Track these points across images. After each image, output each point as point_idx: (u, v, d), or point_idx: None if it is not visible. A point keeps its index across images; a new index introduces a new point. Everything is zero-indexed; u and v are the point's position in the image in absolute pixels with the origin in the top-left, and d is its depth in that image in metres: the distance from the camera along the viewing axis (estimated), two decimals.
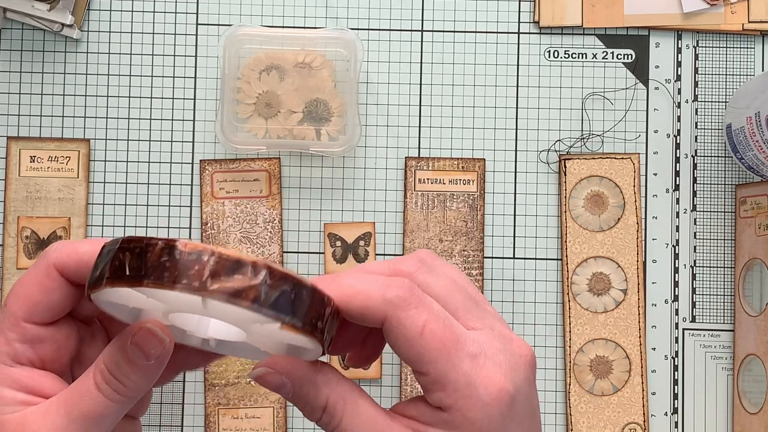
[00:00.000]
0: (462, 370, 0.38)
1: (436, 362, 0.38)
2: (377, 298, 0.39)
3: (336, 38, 0.65)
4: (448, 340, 0.38)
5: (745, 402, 0.65)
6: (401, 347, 0.39)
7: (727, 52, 0.68)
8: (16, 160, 0.66)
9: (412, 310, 0.39)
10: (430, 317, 0.39)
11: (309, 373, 0.40)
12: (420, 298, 0.39)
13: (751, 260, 0.66)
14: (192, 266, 0.34)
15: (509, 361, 0.40)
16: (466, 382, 0.38)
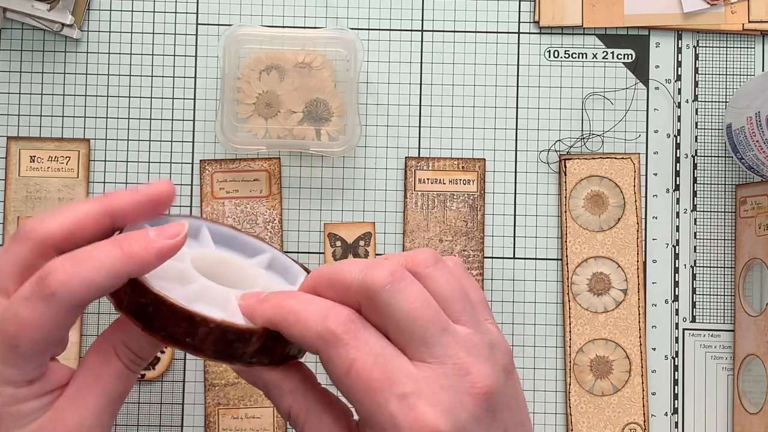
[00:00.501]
0: (387, 411, 0.37)
1: (362, 401, 0.38)
2: (312, 331, 0.38)
3: (336, 38, 0.65)
4: (375, 381, 0.38)
5: (745, 402, 0.65)
6: (333, 382, 0.39)
7: (727, 52, 0.68)
8: (16, 160, 0.66)
9: (341, 347, 0.38)
10: (358, 355, 0.38)
11: (276, 379, 0.41)
12: (355, 333, 0.38)
13: (751, 260, 0.66)
14: None
15: (452, 398, 0.38)
16: (391, 423, 0.37)
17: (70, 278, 0.39)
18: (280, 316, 0.40)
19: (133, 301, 0.40)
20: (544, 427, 0.66)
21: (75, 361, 0.65)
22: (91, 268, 0.39)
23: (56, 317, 0.39)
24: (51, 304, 0.39)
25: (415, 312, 0.39)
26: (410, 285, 0.39)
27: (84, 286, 0.39)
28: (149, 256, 0.40)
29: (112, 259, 0.39)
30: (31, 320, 0.39)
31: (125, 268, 0.39)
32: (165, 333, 0.40)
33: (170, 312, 0.40)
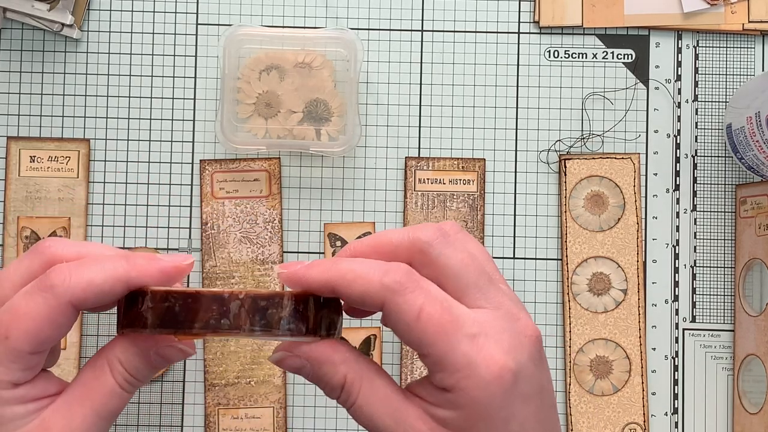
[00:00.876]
0: (461, 350, 0.39)
1: (434, 344, 0.39)
2: (375, 284, 0.39)
3: (336, 38, 0.65)
4: (446, 322, 0.39)
5: (745, 402, 0.65)
6: (401, 331, 0.40)
7: (727, 52, 0.68)
8: (16, 160, 0.66)
9: (408, 294, 0.39)
10: (426, 301, 0.39)
11: (327, 353, 0.41)
12: (417, 282, 0.40)
13: (751, 260, 0.66)
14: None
15: (512, 339, 0.40)
16: (465, 362, 0.39)
17: (71, 275, 0.39)
18: (337, 276, 0.40)
19: (158, 311, 0.40)
20: None
21: (75, 360, 0.65)
22: (93, 269, 0.40)
23: (50, 311, 0.39)
24: (48, 297, 0.39)
25: (466, 261, 0.41)
26: (456, 240, 0.42)
27: (83, 284, 0.39)
28: (152, 269, 0.40)
29: (114, 265, 0.40)
30: (26, 311, 0.39)
31: (126, 274, 0.40)
32: (200, 324, 0.40)
33: (197, 300, 0.40)
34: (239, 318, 0.40)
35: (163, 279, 0.41)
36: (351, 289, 0.40)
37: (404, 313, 0.39)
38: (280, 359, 0.42)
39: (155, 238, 0.67)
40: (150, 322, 0.40)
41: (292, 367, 0.41)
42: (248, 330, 0.40)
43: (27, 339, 0.39)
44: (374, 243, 0.42)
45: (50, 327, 0.40)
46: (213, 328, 0.40)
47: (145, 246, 0.67)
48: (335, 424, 0.66)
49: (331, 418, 0.66)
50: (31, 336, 0.39)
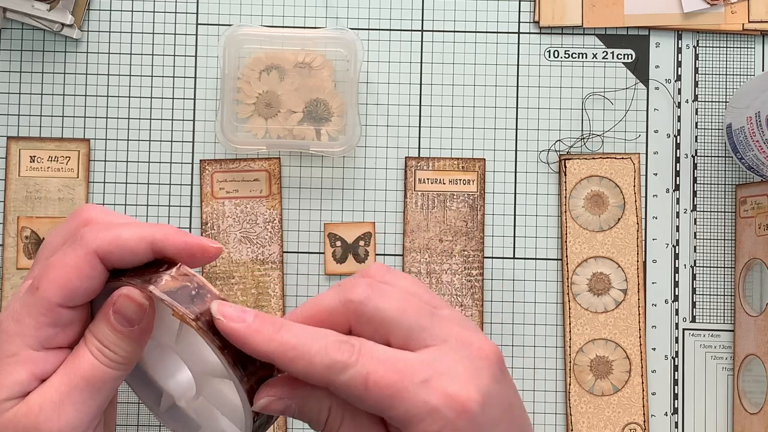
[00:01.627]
0: (418, 400, 0.38)
1: (391, 407, 0.39)
2: (318, 366, 0.39)
3: (336, 38, 0.65)
4: (395, 381, 0.39)
5: (745, 402, 0.65)
6: (355, 404, 0.40)
7: (727, 52, 0.68)
8: (16, 160, 0.66)
9: (350, 369, 0.39)
10: (371, 368, 0.39)
11: (308, 388, 0.41)
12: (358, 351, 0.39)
13: (751, 260, 0.66)
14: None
15: (468, 368, 0.40)
16: (426, 410, 0.38)
17: (101, 230, 0.41)
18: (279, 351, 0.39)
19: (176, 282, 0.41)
20: (544, 427, 0.66)
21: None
22: (123, 228, 0.41)
23: (77, 260, 0.40)
24: (76, 248, 0.41)
25: (402, 306, 0.41)
26: (388, 288, 0.41)
27: (110, 237, 0.41)
28: (177, 240, 0.41)
29: (143, 227, 0.41)
30: (56, 261, 0.41)
31: (151, 235, 0.41)
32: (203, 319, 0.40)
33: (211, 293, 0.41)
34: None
35: (187, 253, 0.41)
36: (293, 368, 0.39)
37: (352, 388, 0.39)
38: (265, 405, 0.41)
39: None
40: (162, 284, 0.40)
41: (277, 411, 0.41)
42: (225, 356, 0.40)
43: (55, 288, 0.40)
44: (309, 313, 0.41)
45: (77, 276, 0.41)
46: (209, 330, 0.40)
47: None
48: None
49: None
50: (58, 285, 0.40)
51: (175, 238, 0.41)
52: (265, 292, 0.66)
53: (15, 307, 0.41)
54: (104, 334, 0.41)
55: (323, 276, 0.67)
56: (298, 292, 0.67)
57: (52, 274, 0.41)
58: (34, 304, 0.41)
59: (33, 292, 0.41)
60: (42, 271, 0.41)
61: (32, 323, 0.41)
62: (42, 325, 0.41)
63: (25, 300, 0.41)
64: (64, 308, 0.41)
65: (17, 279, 0.66)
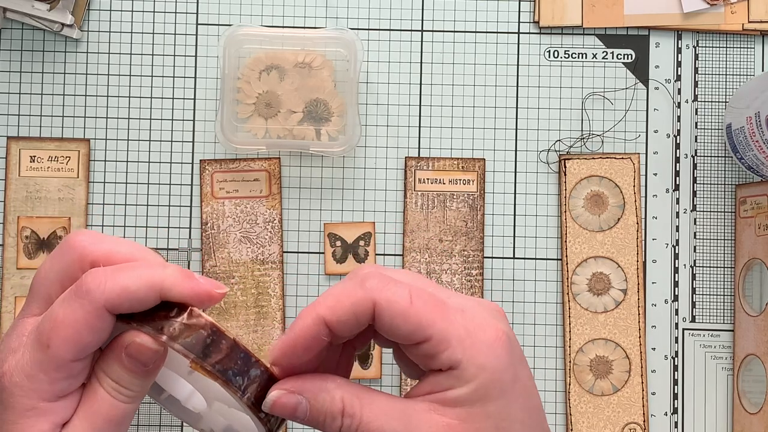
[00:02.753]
0: (458, 323, 0.40)
1: (434, 323, 0.40)
2: (359, 292, 0.40)
3: (336, 38, 0.65)
4: (436, 302, 0.41)
5: (745, 402, 0.65)
6: (398, 325, 0.40)
7: (727, 52, 0.68)
8: (16, 160, 0.66)
9: (392, 287, 0.40)
10: (412, 288, 0.41)
11: (319, 381, 0.41)
12: (394, 279, 0.41)
13: (751, 260, 0.66)
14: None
15: (489, 311, 0.42)
16: (465, 332, 0.40)
17: (106, 281, 0.40)
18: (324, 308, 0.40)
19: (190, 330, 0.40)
20: None
21: None
22: (128, 276, 0.40)
23: (87, 316, 0.40)
24: (84, 303, 0.40)
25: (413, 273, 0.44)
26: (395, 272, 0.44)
27: (118, 289, 0.40)
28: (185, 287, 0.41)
29: (150, 273, 0.40)
30: (64, 317, 0.40)
31: (160, 284, 0.40)
32: (219, 367, 0.40)
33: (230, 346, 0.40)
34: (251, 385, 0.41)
35: (194, 300, 0.41)
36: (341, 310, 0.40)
37: (397, 303, 0.40)
38: (275, 399, 0.41)
39: (155, 238, 0.67)
40: (175, 334, 0.40)
41: (288, 407, 0.41)
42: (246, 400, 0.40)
43: (67, 346, 0.40)
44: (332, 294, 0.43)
45: (89, 332, 0.40)
46: (226, 378, 0.40)
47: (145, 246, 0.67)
48: None
49: None
50: (71, 343, 0.40)
51: (182, 285, 0.41)
52: (265, 292, 0.66)
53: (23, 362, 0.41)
54: (118, 375, 0.42)
55: (323, 276, 0.67)
56: (298, 292, 0.67)
57: (63, 332, 0.40)
58: (47, 362, 0.40)
59: (43, 349, 0.40)
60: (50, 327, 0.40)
61: (46, 379, 0.41)
62: (56, 380, 0.41)
63: (36, 357, 0.41)
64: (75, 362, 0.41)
65: (17, 279, 0.66)
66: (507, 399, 0.40)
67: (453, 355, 0.40)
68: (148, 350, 0.41)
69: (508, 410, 0.40)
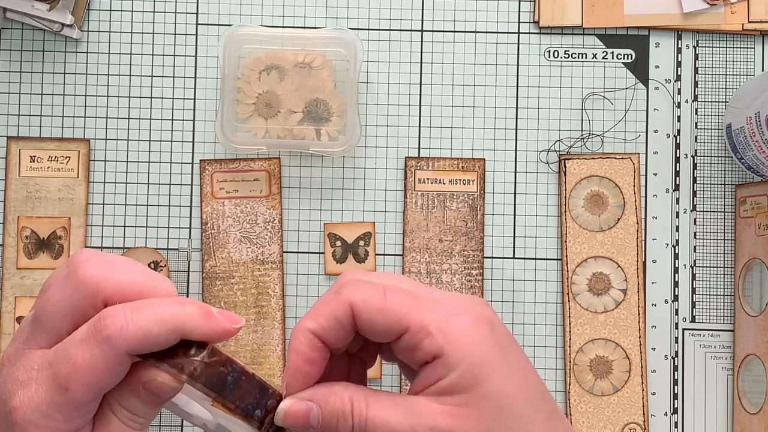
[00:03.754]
0: (434, 311, 0.41)
1: (410, 312, 0.41)
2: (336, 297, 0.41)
3: (336, 38, 0.65)
4: (411, 295, 0.42)
5: (745, 402, 0.65)
6: (376, 320, 0.41)
7: (727, 52, 0.68)
8: (16, 160, 0.66)
9: (366, 287, 0.41)
10: (386, 286, 0.42)
11: (326, 386, 0.42)
12: (368, 281, 0.42)
13: (751, 260, 0.66)
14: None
15: (470, 299, 0.43)
16: (443, 319, 0.41)
17: (127, 324, 0.39)
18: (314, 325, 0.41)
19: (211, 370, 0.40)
20: None
21: None
22: (149, 319, 0.40)
23: (108, 363, 0.39)
24: (105, 349, 0.39)
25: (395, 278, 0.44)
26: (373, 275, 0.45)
27: (139, 335, 0.39)
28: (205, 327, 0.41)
29: (171, 315, 0.40)
30: (84, 363, 0.39)
31: (181, 326, 0.40)
32: (240, 404, 0.41)
33: (250, 381, 0.41)
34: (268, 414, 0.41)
35: (212, 338, 0.41)
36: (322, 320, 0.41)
37: (370, 300, 0.41)
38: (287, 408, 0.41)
39: (155, 238, 0.67)
40: (197, 374, 0.40)
41: (301, 413, 0.41)
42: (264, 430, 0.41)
43: (87, 390, 0.40)
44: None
45: (108, 377, 0.40)
46: (246, 413, 0.41)
47: (145, 246, 0.67)
48: None
49: None
50: (90, 387, 0.40)
51: (203, 326, 0.41)
52: (265, 292, 0.66)
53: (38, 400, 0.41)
54: (134, 407, 0.42)
55: (323, 276, 0.67)
56: (298, 292, 0.67)
57: (83, 377, 0.40)
58: (65, 404, 0.40)
59: (62, 392, 0.40)
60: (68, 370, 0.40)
61: (62, 418, 0.40)
62: (72, 419, 0.41)
63: (53, 398, 0.40)
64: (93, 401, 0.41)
65: (17, 279, 0.66)
66: (501, 377, 0.40)
67: (434, 342, 0.41)
68: (168, 388, 0.41)
69: (505, 388, 0.40)
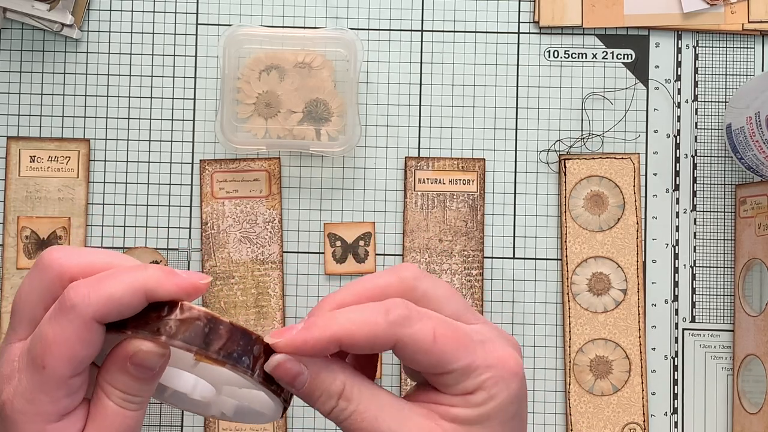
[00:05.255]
0: (479, 355, 0.41)
1: (457, 359, 0.41)
2: (382, 324, 0.40)
3: (336, 38, 0.65)
4: (460, 337, 0.41)
5: (745, 402, 0.65)
6: (420, 359, 0.41)
7: (727, 52, 0.68)
8: (16, 160, 0.66)
9: (416, 324, 0.40)
10: (436, 324, 0.41)
11: (325, 361, 0.41)
12: (419, 310, 0.41)
13: (751, 260, 0.66)
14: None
15: (507, 343, 0.43)
16: (486, 365, 0.41)
17: (90, 292, 0.40)
18: (340, 330, 0.40)
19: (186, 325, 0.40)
20: (544, 427, 0.66)
21: None
22: (111, 283, 0.40)
23: (78, 332, 0.39)
24: (72, 319, 0.39)
25: (450, 290, 0.44)
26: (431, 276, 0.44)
27: (103, 299, 0.39)
28: (169, 284, 0.41)
29: (132, 277, 0.40)
30: (55, 337, 0.40)
31: (143, 285, 0.40)
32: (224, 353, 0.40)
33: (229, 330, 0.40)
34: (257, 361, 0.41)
35: (181, 294, 0.41)
36: (357, 339, 0.40)
37: (420, 341, 0.40)
38: (280, 362, 0.41)
39: (155, 238, 0.67)
40: (173, 332, 0.40)
41: (291, 373, 0.41)
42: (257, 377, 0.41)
43: (63, 364, 0.40)
44: (360, 290, 0.43)
45: (82, 347, 0.40)
46: (233, 362, 0.40)
47: (145, 246, 0.67)
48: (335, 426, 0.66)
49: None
50: (66, 360, 0.40)
51: (166, 282, 0.41)
52: (265, 292, 0.66)
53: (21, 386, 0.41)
54: (126, 385, 0.41)
55: (323, 276, 0.67)
56: (298, 292, 0.67)
57: (56, 351, 0.40)
58: (46, 382, 0.40)
59: (39, 371, 0.40)
60: (42, 347, 0.40)
61: (47, 399, 0.40)
62: (57, 399, 0.41)
63: (33, 380, 0.40)
64: (73, 377, 0.41)
65: (17, 279, 0.66)
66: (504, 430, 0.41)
67: (469, 385, 0.41)
68: (153, 355, 0.40)
69: None
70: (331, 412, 0.41)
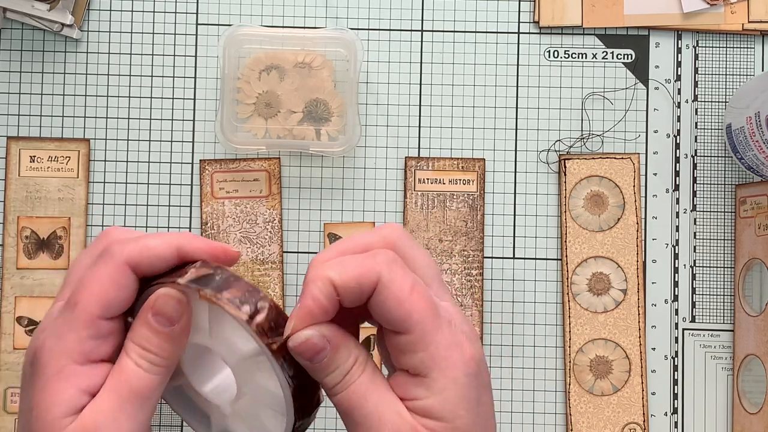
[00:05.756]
0: (443, 332, 0.41)
1: (423, 321, 0.41)
2: (369, 262, 0.41)
3: (336, 38, 0.65)
4: (432, 304, 0.42)
5: (745, 402, 0.65)
6: (391, 306, 0.41)
7: (727, 52, 0.68)
8: (16, 160, 0.66)
9: (399, 271, 0.41)
10: (416, 280, 0.42)
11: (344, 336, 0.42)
12: (402, 264, 0.42)
13: (751, 260, 0.66)
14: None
15: (471, 332, 0.43)
16: (447, 343, 0.41)
17: (128, 242, 0.43)
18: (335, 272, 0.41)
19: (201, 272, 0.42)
20: (544, 427, 0.66)
21: None
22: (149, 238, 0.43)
23: (111, 271, 0.42)
24: (107, 260, 0.42)
25: (428, 257, 0.45)
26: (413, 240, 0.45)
27: (140, 247, 0.42)
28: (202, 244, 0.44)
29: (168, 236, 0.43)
30: (89, 278, 0.42)
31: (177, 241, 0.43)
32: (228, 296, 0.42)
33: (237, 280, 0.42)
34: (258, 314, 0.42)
35: (211, 255, 0.44)
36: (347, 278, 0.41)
37: (398, 287, 0.41)
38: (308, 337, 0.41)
39: None
40: (187, 276, 0.42)
41: (316, 349, 0.41)
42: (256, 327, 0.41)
43: (94, 301, 0.42)
44: (344, 248, 0.44)
45: (113, 287, 0.42)
46: (237, 305, 0.41)
47: None
48: (335, 421, 0.66)
49: (331, 407, 0.66)
50: (97, 298, 0.42)
51: (199, 241, 0.44)
52: (265, 292, 0.66)
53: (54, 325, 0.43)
54: (146, 338, 0.43)
55: None
56: (298, 292, 0.67)
57: (89, 288, 0.42)
58: (75, 319, 0.42)
59: (72, 308, 0.42)
60: (77, 288, 0.43)
61: (75, 337, 0.42)
62: (84, 338, 0.42)
63: (65, 317, 0.42)
64: (103, 320, 0.42)
65: (17, 279, 0.66)
66: (471, 420, 0.41)
67: (426, 360, 0.41)
68: (170, 299, 0.42)
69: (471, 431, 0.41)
70: (334, 385, 0.42)
